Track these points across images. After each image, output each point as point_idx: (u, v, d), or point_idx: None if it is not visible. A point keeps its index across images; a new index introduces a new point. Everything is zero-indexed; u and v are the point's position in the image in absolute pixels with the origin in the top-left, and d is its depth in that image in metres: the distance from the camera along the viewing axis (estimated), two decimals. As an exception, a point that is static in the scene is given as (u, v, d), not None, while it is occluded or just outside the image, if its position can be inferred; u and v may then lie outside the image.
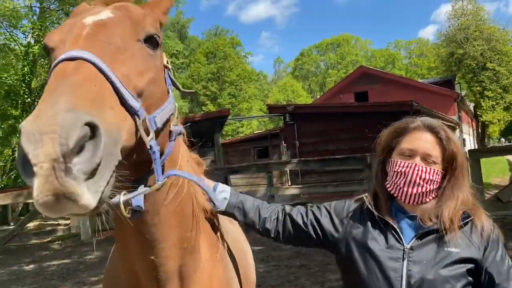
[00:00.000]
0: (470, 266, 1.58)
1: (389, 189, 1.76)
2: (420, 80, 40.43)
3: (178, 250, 1.58)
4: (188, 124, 1.77)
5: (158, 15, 1.46)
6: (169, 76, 1.52)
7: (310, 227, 1.86)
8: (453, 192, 1.67)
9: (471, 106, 44.09)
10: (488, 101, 39.87)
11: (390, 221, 1.71)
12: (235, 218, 1.87)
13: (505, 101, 40.49)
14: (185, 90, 1.58)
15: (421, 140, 1.70)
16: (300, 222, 1.87)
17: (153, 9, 1.46)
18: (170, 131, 1.44)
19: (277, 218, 1.89)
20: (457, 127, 33.04)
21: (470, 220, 1.65)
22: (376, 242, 1.70)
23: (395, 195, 1.75)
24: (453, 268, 1.57)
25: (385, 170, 1.84)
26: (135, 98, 1.14)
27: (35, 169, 0.85)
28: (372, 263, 1.67)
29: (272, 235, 1.89)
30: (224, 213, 1.85)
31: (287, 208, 1.94)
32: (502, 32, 42.10)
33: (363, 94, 30.08)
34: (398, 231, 1.69)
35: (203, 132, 17.04)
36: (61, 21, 17.83)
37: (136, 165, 1.24)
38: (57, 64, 1.07)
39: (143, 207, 1.29)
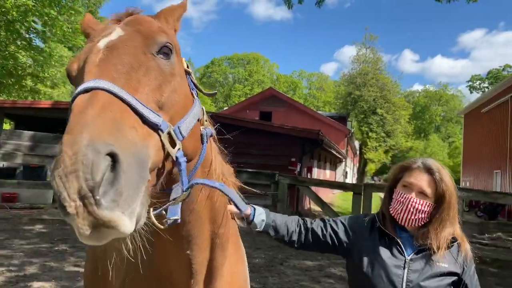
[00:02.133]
0: (454, 278, 2.05)
1: (391, 212, 2.16)
2: (319, 112, 43.53)
3: (211, 245, 1.67)
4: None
5: (172, 23, 1.49)
6: (191, 80, 1.52)
7: (328, 238, 2.20)
8: (440, 222, 2.08)
9: (356, 143, 48.86)
10: (373, 142, 44.74)
11: (395, 237, 2.12)
12: (268, 234, 2.12)
13: (386, 145, 45.91)
14: (208, 93, 1.61)
15: (419, 178, 2.11)
16: (320, 234, 2.21)
17: (166, 17, 1.48)
18: (201, 135, 1.45)
19: (300, 231, 2.21)
20: (344, 160, 36.27)
21: (457, 243, 2.11)
22: (384, 252, 2.09)
23: (395, 217, 2.14)
24: (442, 278, 2.02)
25: (391, 196, 2.22)
26: (156, 113, 1.15)
27: (68, 210, 0.89)
28: (379, 268, 2.05)
29: (296, 245, 2.20)
30: (261, 232, 2.08)
31: (308, 222, 2.26)
32: (394, 84, 47.85)
33: (268, 114, 31.43)
34: (401, 245, 2.10)
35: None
36: None
37: (167, 177, 1.27)
38: (74, 98, 1.09)
39: (179, 217, 1.31)
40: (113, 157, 0.94)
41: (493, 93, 25.77)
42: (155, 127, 1.14)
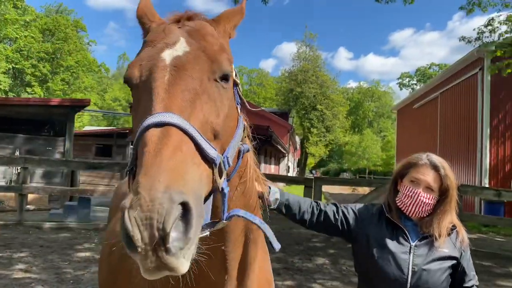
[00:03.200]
0: (453, 262, 2.26)
1: (398, 205, 2.33)
2: (262, 108, 44.07)
3: (245, 240, 1.66)
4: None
5: (228, 30, 1.48)
6: (237, 93, 1.48)
7: (339, 222, 2.36)
8: (442, 213, 2.29)
9: (297, 138, 50.22)
10: (314, 137, 46.31)
11: (401, 225, 2.30)
12: (281, 212, 2.22)
13: (326, 139, 47.74)
14: (253, 109, 1.57)
15: (426, 174, 2.28)
16: (332, 218, 2.36)
17: (225, 24, 1.46)
18: (239, 151, 1.41)
19: (313, 212, 2.34)
20: (287, 155, 37.12)
21: (455, 230, 2.33)
22: (391, 239, 2.27)
23: (402, 209, 2.31)
24: (443, 262, 2.23)
25: (395, 188, 2.36)
26: (213, 146, 1.16)
27: (139, 249, 0.94)
28: (387, 254, 2.23)
29: (306, 225, 2.34)
30: (274, 210, 2.19)
31: (322, 205, 2.40)
32: (332, 81, 49.78)
33: (212, 109, 31.16)
34: (407, 232, 2.28)
35: (54, 119, 15.25)
36: None
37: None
38: (145, 129, 1.09)
39: (208, 234, 1.31)
40: (185, 206, 0.97)
41: (424, 90, 27.57)
42: (211, 162, 1.15)
